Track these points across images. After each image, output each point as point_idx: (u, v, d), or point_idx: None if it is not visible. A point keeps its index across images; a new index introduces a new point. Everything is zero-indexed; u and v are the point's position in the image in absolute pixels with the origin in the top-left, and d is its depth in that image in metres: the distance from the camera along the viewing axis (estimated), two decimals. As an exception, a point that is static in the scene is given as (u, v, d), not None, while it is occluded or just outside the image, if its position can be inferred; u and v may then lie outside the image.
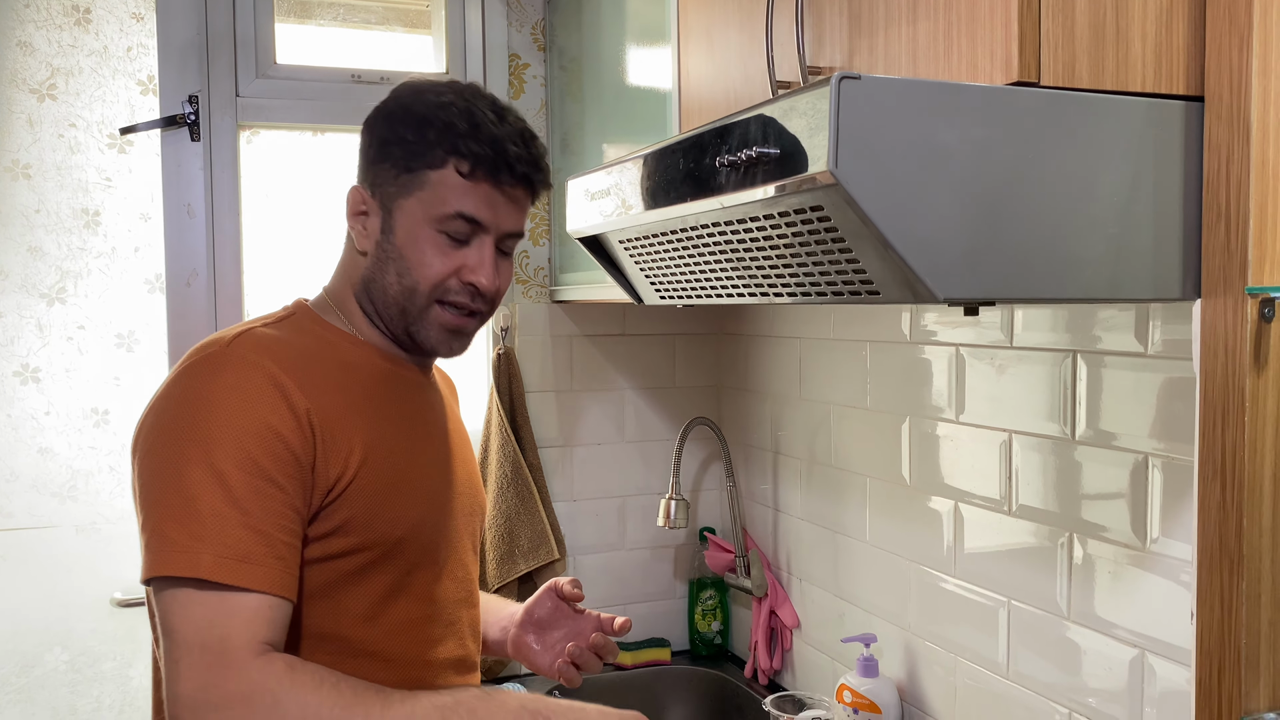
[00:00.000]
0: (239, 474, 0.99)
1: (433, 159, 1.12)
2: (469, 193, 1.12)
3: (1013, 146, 0.91)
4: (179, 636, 0.96)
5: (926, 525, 1.64)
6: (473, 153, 1.11)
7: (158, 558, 0.98)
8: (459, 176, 1.12)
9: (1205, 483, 0.99)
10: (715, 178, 1.04)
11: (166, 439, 1.02)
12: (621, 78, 1.84)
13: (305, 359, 1.11)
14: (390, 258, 1.15)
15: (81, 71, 2.01)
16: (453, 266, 1.14)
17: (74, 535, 2.06)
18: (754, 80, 1.34)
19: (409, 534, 1.14)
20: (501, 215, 1.15)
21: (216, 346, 1.09)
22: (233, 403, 1.02)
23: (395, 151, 1.14)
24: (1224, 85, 0.96)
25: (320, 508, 1.07)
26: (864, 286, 0.98)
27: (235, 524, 0.98)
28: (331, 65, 2.09)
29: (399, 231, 1.14)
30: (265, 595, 0.99)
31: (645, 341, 2.30)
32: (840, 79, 0.84)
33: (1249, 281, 0.94)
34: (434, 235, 1.13)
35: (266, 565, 0.99)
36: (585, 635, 1.33)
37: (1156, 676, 1.24)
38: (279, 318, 1.18)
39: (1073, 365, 1.34)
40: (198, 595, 0.97)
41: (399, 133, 1.14)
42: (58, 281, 2.02)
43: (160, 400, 1.07)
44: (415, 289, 1.14)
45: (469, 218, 1.13)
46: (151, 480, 1.02)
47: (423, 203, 1.13)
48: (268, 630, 0.98)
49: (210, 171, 1.99)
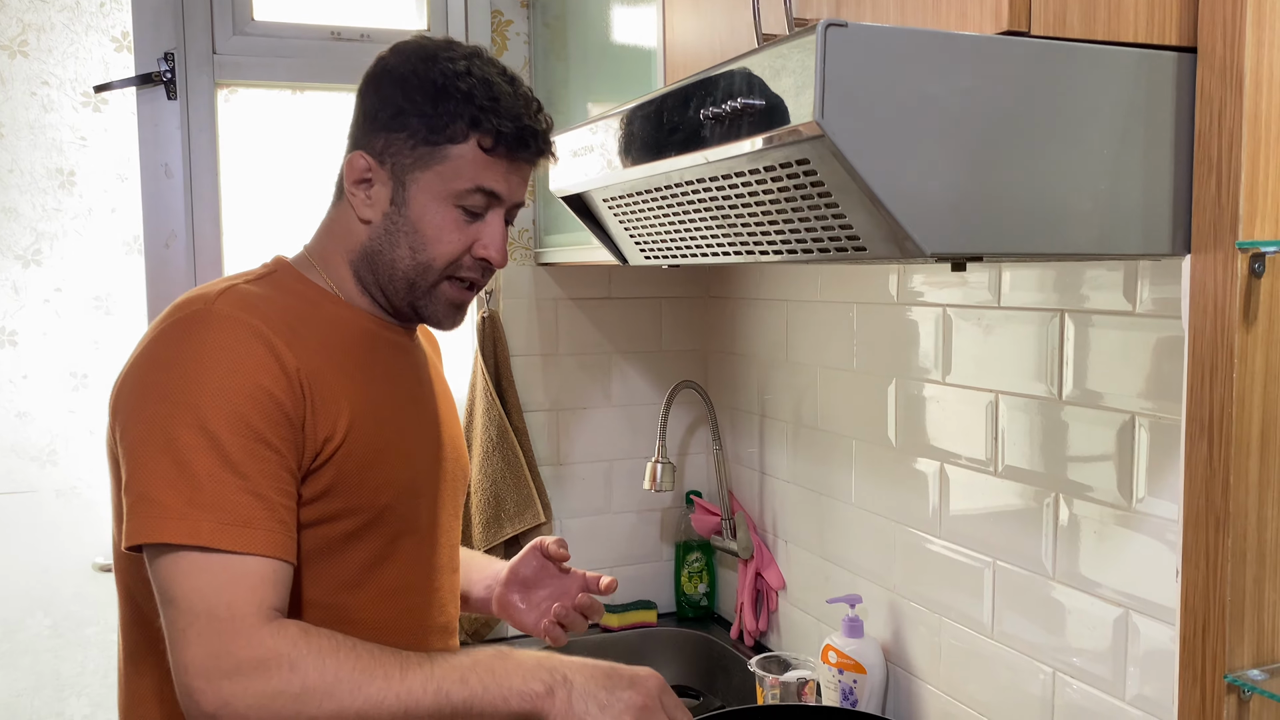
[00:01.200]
0: (233, 436, 0.97)
1: (455, 133, 1.10)
2: (489, 167, 1.11)
3: (1002, 97, 0.89)
4: (184, 604, 0.94)
5: (912, 487, 1.64)
6: (495, 128, 1.10)
7: (152, 524, 0.95)
8: (481, 151, 1.10)
9: (1192, 440, 0.98)
10: (700, 131, 1.02)
11: (153, 401, 0.99)
12: (606, 35, 1.81)
13: (290, 317, 1.08)
14: (402, 231, 1.12)
15: (54, 27, 1.97)
16: (468, 242, 1.13)
17: (54, 500, 2.05)
18: (740, 34, 1.31)
19: (395, 499, 1.12)
20: (514, 187, 1.15)
21: (200, 304, 1.05)
22: (223, 363, 0.99)
23: (413, 123, 1.10)
24: (1217, 36, 0.94)
25: (309, 470, 1.04)
26: (850, 243, 0.97)
27: (233, 488, 0.96)
28: (311, 22, 2.04)
29: (413, 205, 1.12)
30: (269, 559, 0.97)
31: (631, 305, 2.28)
32: (827, 26, 0.82)
33: (1239, 236, 0.93)
34: (451, 210, 1.12)
35: (268, 529, 0.97)
36: (571, 595, 1.32)
37: (1141, 635, 1.24)
38: (259, 275, 1.15)
39: (1060, 325, 1.34)
40: (201, 560, 0.94)
41: (417, 103, 1.10)
42: (33, 243, 1.99)
43: (143, 360, 1.03)
44: (430, 265, 1.13)
45: (488, 191, 1.12)
46: (139, 444, 0.99)
47: (441, 176, 1.11)
48: (274, 595, 0.97)
49: (188, 131, 1.95)
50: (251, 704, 0.92)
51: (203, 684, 0.92)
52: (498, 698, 0.98)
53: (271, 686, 0.92)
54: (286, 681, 0.92)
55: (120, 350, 2.13)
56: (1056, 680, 1.37)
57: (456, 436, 1.29)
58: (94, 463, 2.05)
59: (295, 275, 1.16)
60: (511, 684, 0.98)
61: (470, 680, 0.98)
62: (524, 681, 0.99)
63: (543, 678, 1.00)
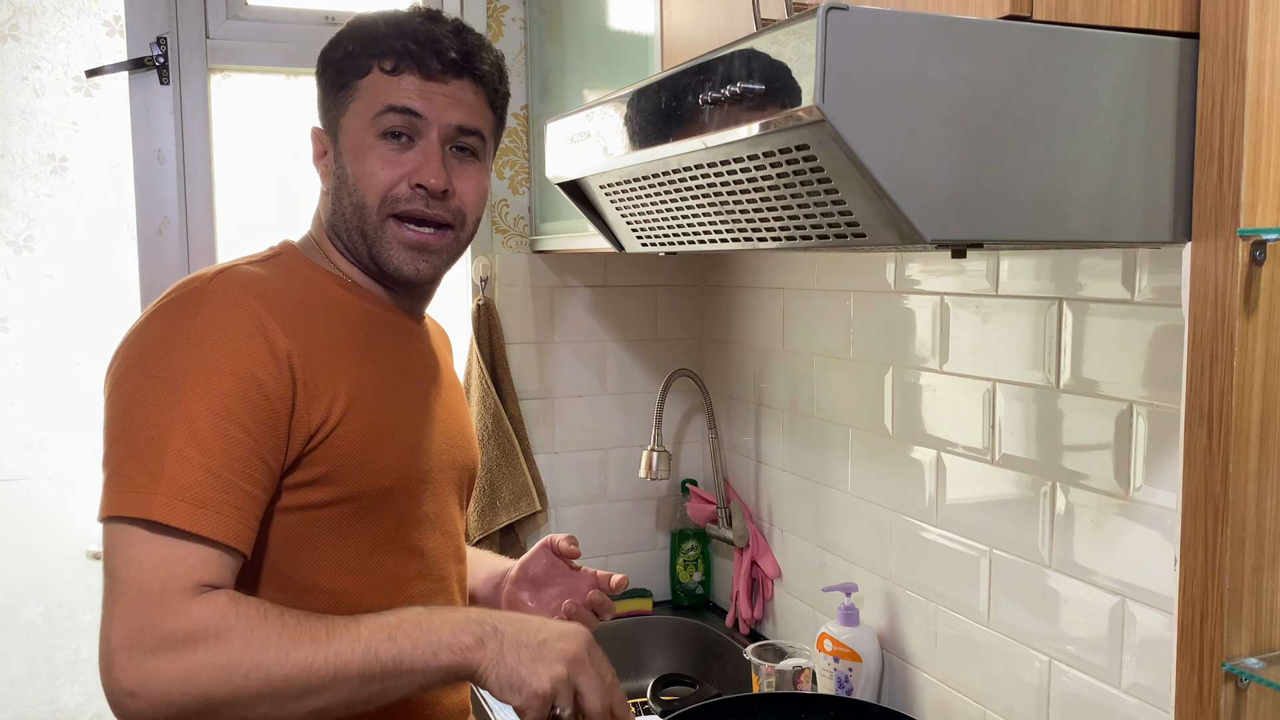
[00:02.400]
0: (208, 416, 0.95)
1: (360, 68, 1.11)
2: (396, 85, 1.10)
3: (1004, 82, 0.88)
4: (119, 575, 0.92)
5: (908, 475, 1.64)
6: (394, 49, 1.09)
7: (113, 497, 0.94)
8: (385, 74, 1.10)
9: (1192, 428, 0.98)
10: (698, 116, 1.01)
11: (137, 375, 0.98)
12: (603, 20, 1.80)
13: (290, 299, 1.07)
14: (343, 181, 1.12)
15: (45, 11, 1.95)
16: (399, 174, 1.10)
17: (47, 487, 2.04)
18: (738, 19, 1.30)
19: (395, 485, 1.11)
20: (439, 107, 1.10)
21: (197, 283, 1.04)
22: (209, 342, 0.98)
23: (330, 75, 1.13)
24: (1220, 22, 0.94)
25: (301, 454, 1.03)
26: (850, 229, 0.96)
27: (196, 466, 0.94)
28: (304, 7, 2.03)
29: (345, 151, 1.12)
30: (216, 546, 0.94)
31: (627, 293, 2.28)
32: (828, 9, 0.81)
33: (1241, 223, 0.92)
34: (374, 142, 1.10)
35: (223, 514, 0.95)
36: (581, 592, 1.30)
37: (1137, 624, 1.24)
38: (265, 257, 1.14)
39: (1058, 313, 1.33)
40: (144, 536, 0.92)
41: (331, 56, 1.14)
42: (25, 229, 1.97)
43: (135, 336, 1.02)
44: (364, 203, 1.10)
45: (399, 108, 1.09)
46: (117, 417, 0.98)
47: (358, 113, 1.11)
48: (215, 576, 0.94)
49: (180, 116, 1.94)
50: (175, 678, 0.89)
51: (124, 659, 0.89)
52: (427, 652, 0.96)
53: (196, 660, 0.89)
54: (212, 654, 0.90)
55: (113, 337, 2.11)
56: (1053, 668, 1.37)
57: (466, 427, 1.28)
58: (87, 450, 2.04)
59: (300, 258, 1.15)
60: (440, 637, 0.97)
61: (398, 637, 0.96)
62: (453, 635, 0.97)
63: (472, 630, 0.98)
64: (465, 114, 1.12)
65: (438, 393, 1.22)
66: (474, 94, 1.13)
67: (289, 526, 1.04)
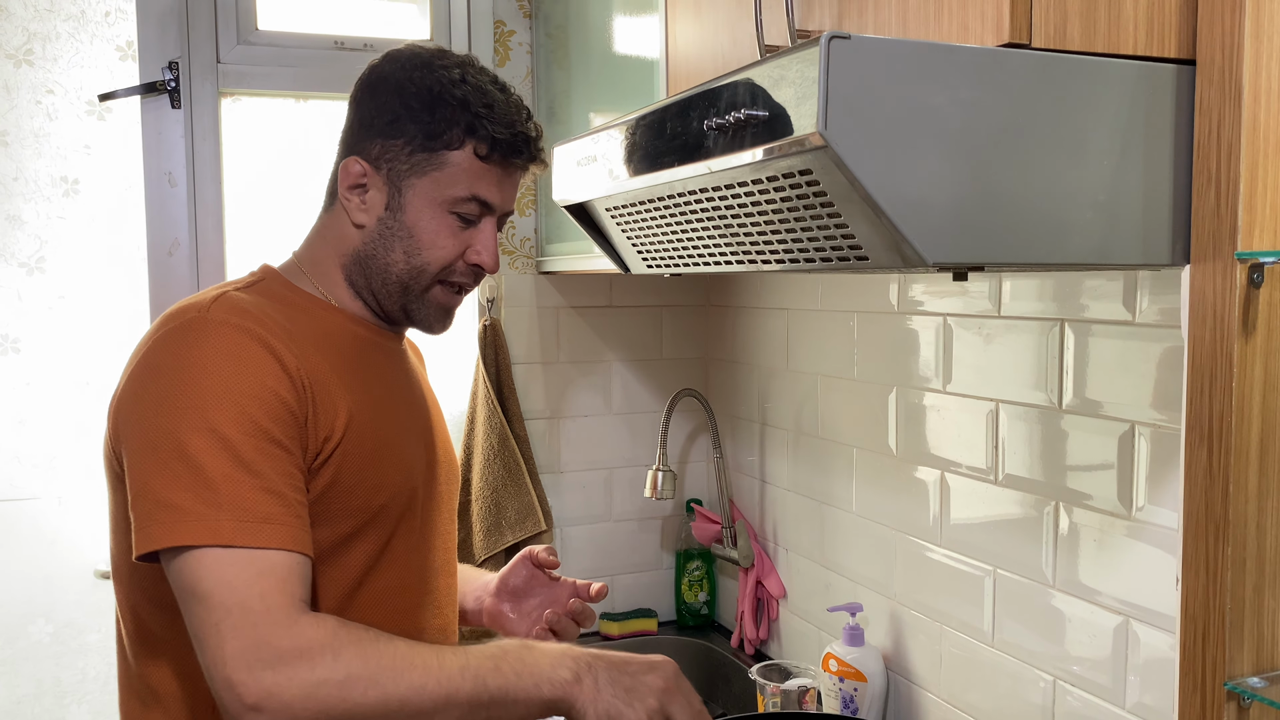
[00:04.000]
0: (243, 437, 0.97)
1: (451, 139, 1.12)
2: (484, 175, 1.14)
3: (1003, 109, 0.90)
4: (215, 600, 0.93)
5: (913, 495, 1.64)
6: (491, 135, 1.12)
7: (170, 528, 0.95)
8: (476, 159, 1.13)
9: (1192, 449, 0.99)
10: (703, 142, 1.02)
11: (158, 409, 0.99)
12: (608, 45, 1.82)
13: (282, 323, 1.09)
14: (397, 236, 1.14)
15: (59, 36, 1.97)
16: (461, 248, 1.16)
17: (56, 507, 2.05)
18: (742, 45, 1.32)
19: (390, 501, 1.13)
20: (507, 196, 1.18)
21: (195, 311, 1.05)
22: (226, 367, 1.00)
23: (410, 129, 1.13)
24: (1216, 48, 0.95)
25: (310, 470, 1.05)
26: (852, 252, 0.98)
27: (249, 487, 0.96)
28: (314, 32, 2.05)
29: (409, 210, 1.14)
30: (291, 553, 0.97)
31: (632, 313, 2.29)
32: (830, 38, 0.83)
33: (1238, 247, 0.93)
34: (446, 216, 1.14)
35: (287, 524, 0.98)
36: (562, 602, 1.33)
37: (1141, 643, 1.24)
38: (248, 283, 1.15)
39: (1060, 334, 1.34)
40: (225, 557, 0.94)
41: (413, 110, 1.13)
42: (37, 250, 1.99)
43: (142, 370, 1.03)
44: (424, 269, 1.15)
45: (483, 200, 1.15)
46: (148, 452, 0.98)
47: (437, 183, 1.13)
48: (300, 587, 0.97)
49: (191, 139, 1.96)
50: (297, 694, 0.91)
51: (244, 675, 0.90)
52: (530, 684, 0.99)
53: (316, 675, 0.92)
54: (330, 669, 0.92)
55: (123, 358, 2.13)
56: (1057, 688, 1.37)
57: (446, 440, 1.30)
58: (95, 470, 2.05)
59: (283, 283, 1.17)
60: (541, 671, 1.00)
61: (503, 667, 0.99)
62: (552, 669, 1.00)
63: (569, 665, 1.01)
64: (515, 199, 1.21)
65: (422, 408, 1.25)
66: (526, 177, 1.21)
67: None
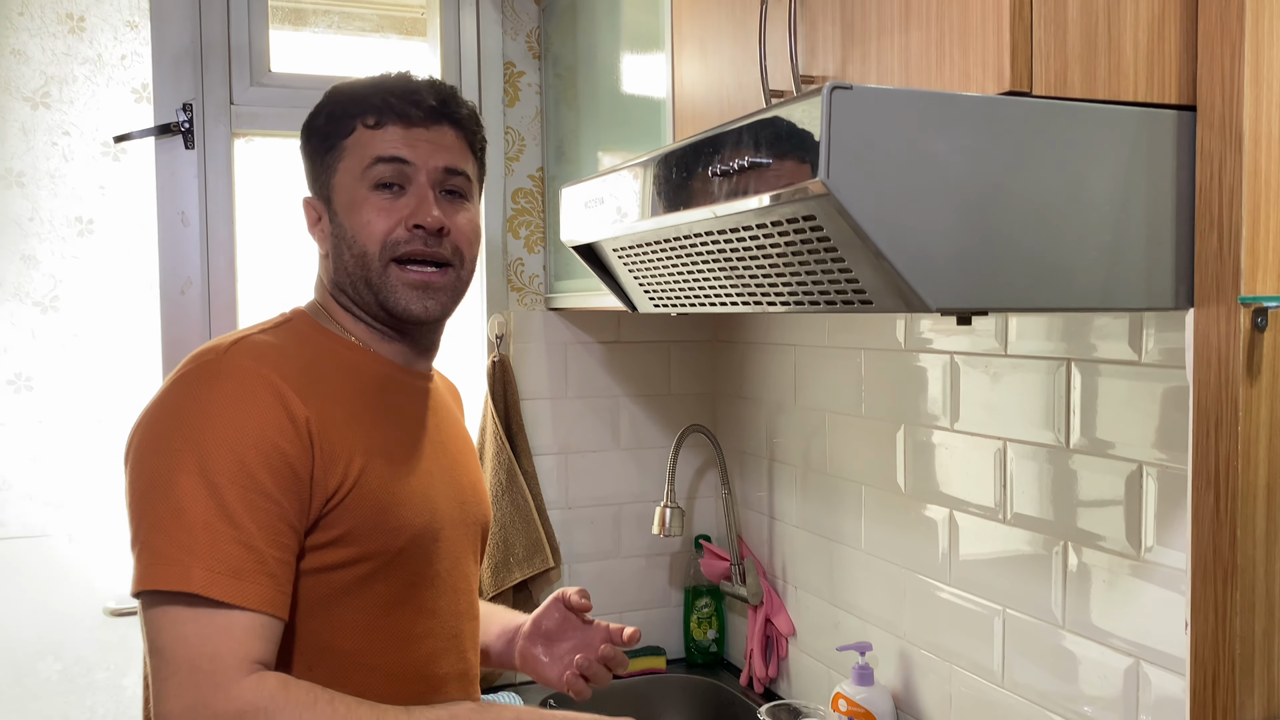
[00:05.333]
0: (232, 486, 0.98)
1: (344, 129, 1.15)
2: (381, 138, 1.14)
3: (1005, 156, 0.91)
4: (168, 654, 0.94)
5: (922, 533, 1.64)
6: (374, 105, 1.14)
7: (147, 571, 0.96)
8: (368, 129, 1.14)
9: (1199, 492, 0.99)
10: (708, 187, 1.04)
11: (159, 448, 1.01)
12: (616, 85, 1.84)
13: (303, 365, 1.10)
14: (341, 238, 1.16)
15: (75, 79, 2.01)
16: (395, 219, 1.14)
17: (67, 544, 2.06)
18: (747, 88, 1.34)
19: (409, 544, 1.12)
20: (424, 152, 1.15)
21: (213, 354, 1.07)
22: (229, 412, 1.01)
23: (315, 142, 1.18)
24: (1216, 94, 0.96)
25: (319, 517, 1.05)
26: (857, 296, 0.98)
27: (227, 538, 0.96)
28: (325, 74, 2.08)
29: (339, 210, 1.16)
30: (257, 613, 0.97)
31: (640, 349, 2.30)
32: (832, 89, 0.84)
33: (1241, 291, 0.94)
34: (367, 194, 1.14)
35: (258, 582, 0.97)
36: (593, 647, 1.31)
37: (1152, 685, 1.23)
38: (276, 324, 1.17)
39: (1067, 373, 1.34)
40: (188, 612, 0.95)
41: (313, 125, 1.19)
42: (51, 289, 2.01)
43: (154, 408, 1.05)
44: (366, 253, 1.14)
45: (388, 158, 1.13)
46: (143, 490, 1.00)
47: (348, 170, 1.15)
48: (260, 648, 0.97)
49: (204, 179, 1.99)
50: None
51: None
52: None
53: None
54: None
55: (135, 395, 2.16)
56: (1068, 730, 1.36)
57: (478, 483, 1.29)
58: (106, 508, 2.06)
59: (310, 324, 1.18)
60: None
61: None
62: None
63: None
64: (450, 156, 1.17)
65: (448, 449, 1.24)
66: (455, 138, 1.18)
67: (303, 588, 1.06)
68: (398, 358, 1.21)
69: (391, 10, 2.28)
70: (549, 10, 2.17)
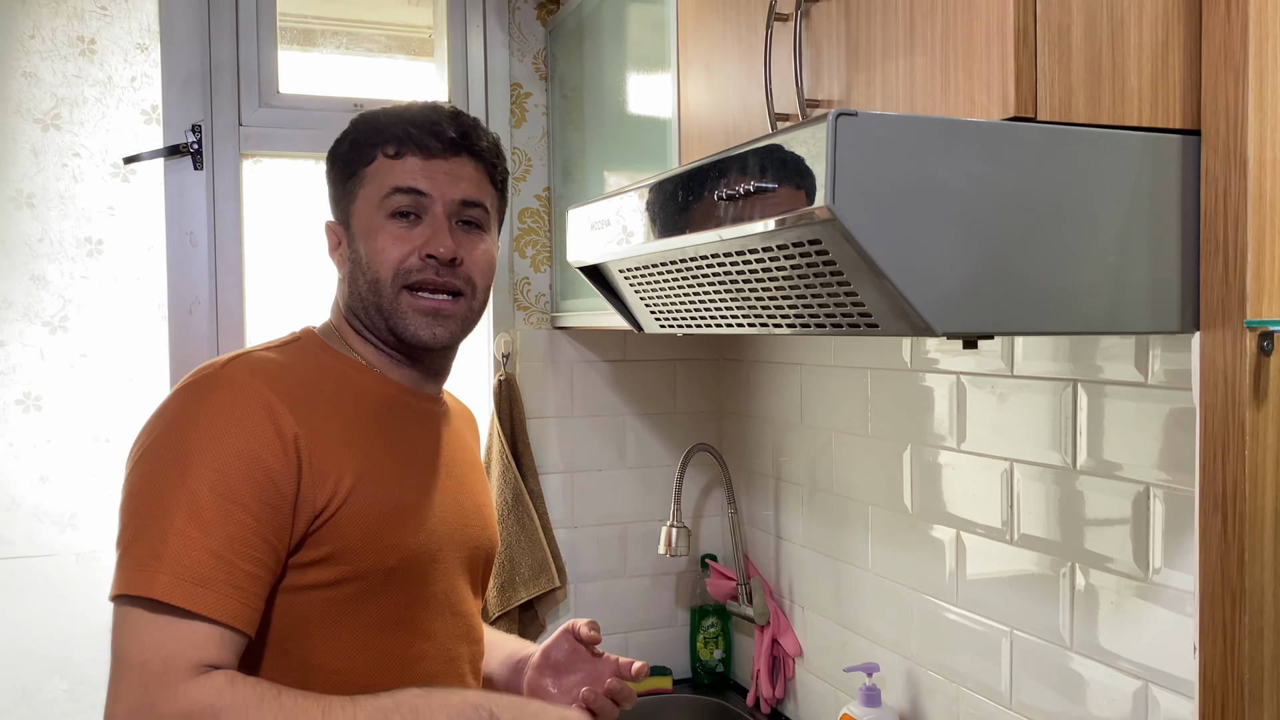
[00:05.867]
0: (211, 496, 0.99)
1: (364, 157, 1.17)
2: (400, 168, 1.16)
3: (1010, 181, 0.91)
4: (123, 655, 0.95)
5: (928, 553, 1.64)
6: (395, 135, 1.16)
7: (119, 576, 0.99)
8: (388, 159, 1.16)
9: (1206, 516, 0.98)
10: (714, 211, 1.04)
11: (150, 458, 1.03)
12: (622, 106, 1.85)
13: (302, 383, 1.11)
14: (356, 263, 1.18)
15: (86, 101, 2.02)
16: (409, 247, 1.15)
17: (74, 564, 2.06)
18: (753, 111, 1.34)
19: (402, 564, 1.12)
20: (442, 184, 1.16)
21: (211, 368, 1.10)
22: (217, 425, 1.03)
23: (338, 168, 1.20)
24: (1220, 119, 0.96)
25: (306, 534, 1.06)
26: (862, 319, 0.99)
27: (198, 546, 0.97)
28: (334, 95, 2.10)
29: (357, 236, 1.18)
30: (216, 624, 0.97)
31: (646, 367, 2.30)
32: (837, 115, 0.84)
33: (1247, 314, 0.94)
34: (384, 222, 1.15)
35: (223, 593, 0.97)
36: (602, 679, 1.29)
37: (1160, 708, 1.23)
38: (283, 342, 1.19)
39: (1073, 395, 1.34)
40: (147, 616, 0.96)
41: (337, 152, 1.21)
42: (60, 309, 2.02)
43: (152, 421, 1.08)
44: (378, 278, 1.15)
45: (405, 188, 1.15)
46: (130, 498, 1.03)
47: (366, 198, 1.17)
48: (217, 655, 0.97)
49: (213, 200, 2.00)
50: None
51: None
52: None
53: None
54: None
55: (143, 415, 2.15)
56: (1077, 753, 1.35)
57: (484, 506, 1.29)
58: (114, 527, 2.06)
59: (318, 343, 1.19)
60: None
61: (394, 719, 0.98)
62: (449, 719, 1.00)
63: (469, 715, 1.01)
64: (467, 188, 1.18)
65: (453, 473, 1.24)
66: (474, 169, 1.20)
67: (294, 606, 1.06)
68: (406, 381, 1.22)
69: (399, 32, 2.30)
70: (555, 32, 2.18)
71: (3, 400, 2.00)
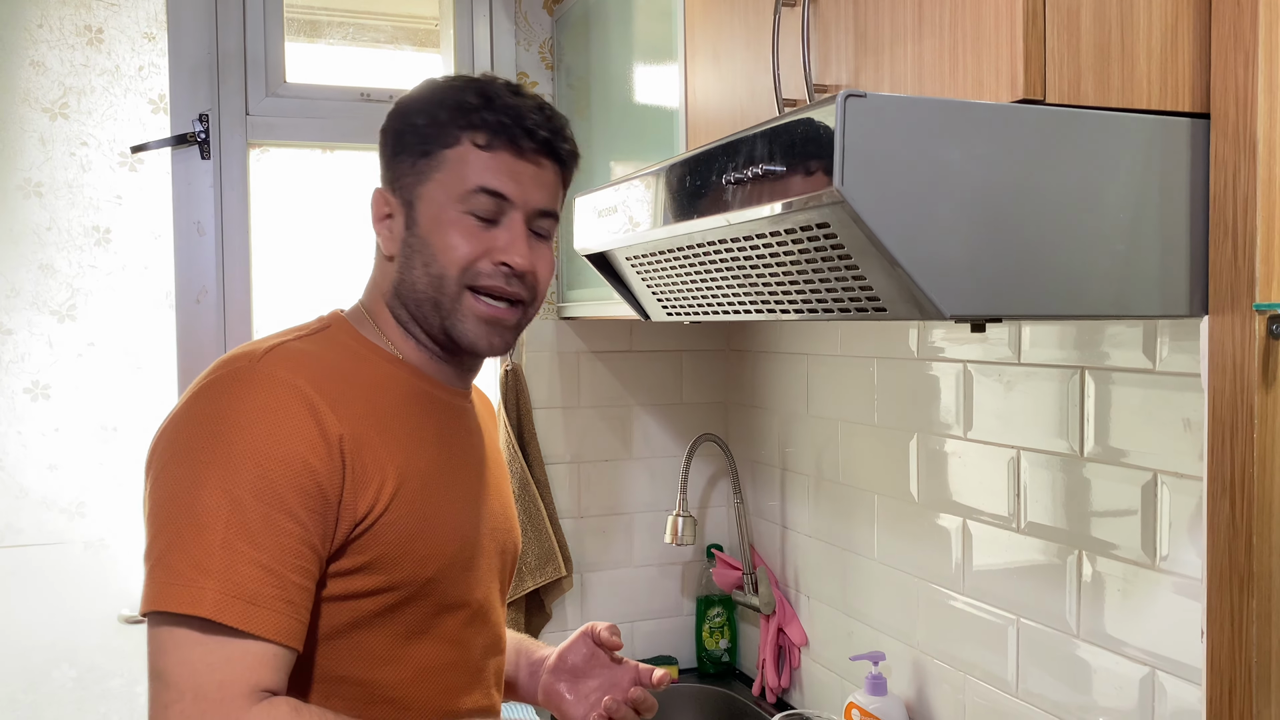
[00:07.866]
0: (257, 504, 0.92)
1: (448, 138, 1.07)
2: (489, 165, 1.06)
3: (1019, 164, 0.91)
4: (171, 679, 0.89)
5: (935, 542, 1.64)
6: (487, 123, 1.06)
7: (159, 590, 0.90)
8: (477, 149, 1.06)
9: (1214, 500, 0.98)
10: (722, 195, 1.04)
11: (185, 459, 0.94)
12: (629, 96, 1.85)
13: (340, 377, 1.04)
14: (416, 250, 1.08)
15: (93, 90, 2.03)
16: (482, 248, 1.07)
17: (82, 552, 2.07)
18: (760, 97, 1.34)
19: (438, 574, 1.06)
20: (528, 189, 1.08)
21: (246, 361, 1.00)
22: (261, 426, 0.94)
23: (410, 140, 1.09)
24: (1229, 102, 0.96)
25: (346, 542, 0.99)
26: (870, 303, 0.98)
27: (246, 560, 0.90)
28: (341, 84, 2.10)
29: (423, 221, 1.08)
30: (270, 643, 0.91)
31: (652, 358, 2.30)
32: (846, 97, 0.84)
33: (1256, 298, 0.93)
34: (459, 217, 1.06)
35: (275, 609, 0.91)
36: (622, 687, 1.23)
37: (1167, 695, 1.23)
38: (313, 330, 1.10)
39: (1081, 381, 1.34)
40: (195, 636, 0.89)
41: (411, 121, 1.09)
42: (68, 299, 2.03)
43: (181, 416, 0.98)
44: (444, 276, 1.06)
45: (492, 191, 1.06)
46: (162, 502, 0.94)
47: (443, 185, 1.07)
48: (270, 677, 0.91)
49: (220, 189, 2.00)
50: None
51: None
52: None
53: None
54: None
55: (151, 404, 2.17)
56: (1083, 741, 1.35)
57: (508, 506, 1.23)
58: (122, 515, 2.07)
59: (349, 331, 1.11)
60: None
61: None
62: None
63: None
64: (547, 197, 1.11)
65: (482, 473, 1.17)
66: (554, 175, 1.12)
67: (329, 615, 1.00)
68: (440, 376, 1.14)
69: (406, 22, 2.30)
70: (562, 21, 2.18)
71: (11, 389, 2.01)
